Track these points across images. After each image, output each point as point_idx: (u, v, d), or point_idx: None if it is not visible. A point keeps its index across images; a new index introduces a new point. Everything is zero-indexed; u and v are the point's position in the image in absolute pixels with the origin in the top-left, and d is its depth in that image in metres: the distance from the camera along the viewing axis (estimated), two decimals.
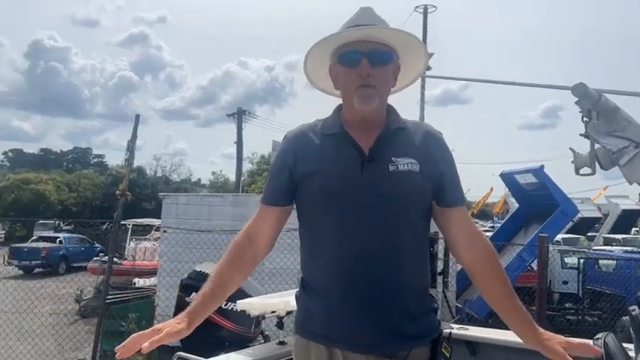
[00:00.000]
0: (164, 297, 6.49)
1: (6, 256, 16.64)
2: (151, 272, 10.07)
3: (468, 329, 2.53)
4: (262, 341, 3.04)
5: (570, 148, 3.01)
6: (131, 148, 6.04)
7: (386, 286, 1.34)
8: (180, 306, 2.97)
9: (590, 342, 1.38)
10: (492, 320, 7.98)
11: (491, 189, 27.93)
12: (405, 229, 1.37)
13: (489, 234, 12.49)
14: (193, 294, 2.96)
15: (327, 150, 1.41)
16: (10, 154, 53.48)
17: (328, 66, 1.49)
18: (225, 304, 2.86)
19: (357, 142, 1.39)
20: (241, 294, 2.64)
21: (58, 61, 71.94)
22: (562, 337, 1.35)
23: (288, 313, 2.45)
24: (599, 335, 1.59)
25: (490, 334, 2.44)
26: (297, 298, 1.51)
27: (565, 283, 9.82)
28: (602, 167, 2.79)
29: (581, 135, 2.81)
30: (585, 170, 2.96)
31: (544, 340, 1.33)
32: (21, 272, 16.83)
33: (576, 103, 2.74)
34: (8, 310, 7.43)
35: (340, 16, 1.47)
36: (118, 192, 6.05)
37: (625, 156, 2.65)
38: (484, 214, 35.08)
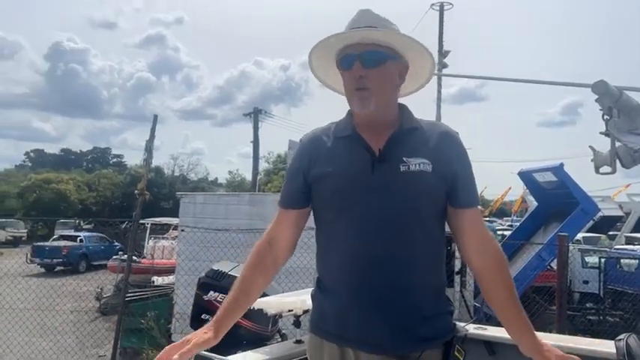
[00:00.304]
0: (182, 295, 6.55)
1: (29, 255, 16.97)
2: (169, 270, 10.18)
3: (486, 329, 2.50)
4: (279, 340, 3.05)
5: (590, 147, 2.95)
6: (149, 148, 6.12)
7: (398, 286, 1.34)
8: (197, 304, 3.00)
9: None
10: None
11: (509, 188, 27.62)
12: (418, 230, 1.36)
13: (508, 232, 12.38)
14: (211, 292, 3.01)
15: (339, 152, 1.43)
16: (31, 154, 54.61)
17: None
18: None
19: (368, 144, 1.40)
20: None
21: (77, 63, 73.32)
22: (559, 351, 1.34)
23: (305, 311, 2.45)
24: (622, 336, 1.56)
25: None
26: (312, 297, 1.53)
27: (586, 282, 9.66)
28: (623, 165, 2.73)
29: (601, 133, 2.75)
30: (605, 169, 2.90)
31: (543, 352, 1.33)
32: (43, 270, 17.16)
33: (596, 100, 2.68)
34: (31, 307, 7.60)
35: (351, 13, 1.47)
36: (136, 191, 6.15)
37: None
38: (502, 212, 34.70)
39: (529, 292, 8.19)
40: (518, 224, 11.17)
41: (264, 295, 2.73)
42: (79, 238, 19.01)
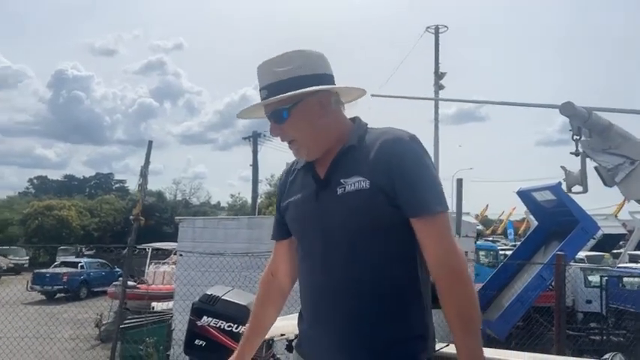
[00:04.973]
0: (180, 321, 6.50)
1: (29, 282, 16.89)
2: (169, 296, 10.12)
3: None
4: None
5: (562, 167, 2.97)
6: (144, 174, 6.17)
7: (345, 313, 1.33)
8: (191, 330, 2.98)
9: None
10: (516, 342, 7.82)
11: (514, 208, 27.62)
12: (364, 252, 1.32)
13: (510, 252, 12.31)
14: (204, 317, 3.00)
15: (297, 183, 1.48)
16: (35, 181, 54.71)
17: None
18: (237, 328, 2.88)
19: (316, 172, 1.42)
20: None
21: (80, 90, 73.71)
22: None
23: (297, 336, 2.44)
24: (607, 355, 1.57)
25: (502, 356, 2.39)
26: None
27: (589, 302, 9.58)
28: (605, 184, 2.74)
29: (571, 153, 2.77)
30: (577, 188, 2.92)
31: None
32: (43, 297, 17.06)
33: (570, 122, 2.71)
34: (31, 336, 7.55)
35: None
36: (131, 217, 6.20)
37: (620, 173, 2.59)
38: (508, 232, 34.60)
39: (531, 313, 8.12)
40: (519, 244, 11.14)
41: None
42: (79, 264, 18.97)
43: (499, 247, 16.69)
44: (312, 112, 1.38)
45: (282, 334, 2.52)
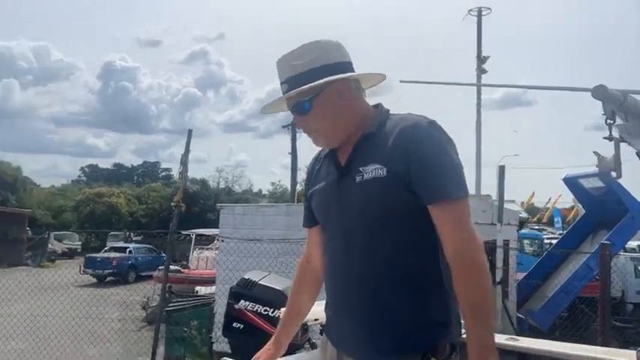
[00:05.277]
0: (222, 304, 6.67)
1: (81, 266, 17.76)
2: (212, 280, 10.42)
3: (518, 340, 2.45)
4: (309, 348, 3.09)
5: (594, 152, 2.84)
6: (184, 162, 6.33)
7: (363, 298, 1.35)
8: (229, 313, 3.07)
9: None
10: (559, 332, 7.63)
11: (560, 195, 26.62)
12: (381, 239, 1.32)
13: (555, 241, 11.94)
14: (242, 301, 3.08)
15: (322, 170, 1.50)
16: (86, 169, 56.95)
17: None
18: (272, 312, 2.95)
19: (338, 160, 1.42)
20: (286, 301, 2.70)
21: (128, 81, 75.78)
22: None
23: None
24: None
25: (543, 346, 2.35)
26: None
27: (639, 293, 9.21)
28: None
29: (604, 138, 2.64)
30: (611, 174, 2.80)
31: None
32: (94, 280, 17.91)
33: (603, 105, 2.57)
34: (84, 316, 7.97)
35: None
36: (172, 204, 6.41)
37: None
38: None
39: (577, 303, 7.89)
40: (565, 232, 10.80)
41: None
42: (128, 249, 19.75)
43: (544, 236, 16.21)
44: (331, 101, 1.39)
45: (315, 319, 2.56)
